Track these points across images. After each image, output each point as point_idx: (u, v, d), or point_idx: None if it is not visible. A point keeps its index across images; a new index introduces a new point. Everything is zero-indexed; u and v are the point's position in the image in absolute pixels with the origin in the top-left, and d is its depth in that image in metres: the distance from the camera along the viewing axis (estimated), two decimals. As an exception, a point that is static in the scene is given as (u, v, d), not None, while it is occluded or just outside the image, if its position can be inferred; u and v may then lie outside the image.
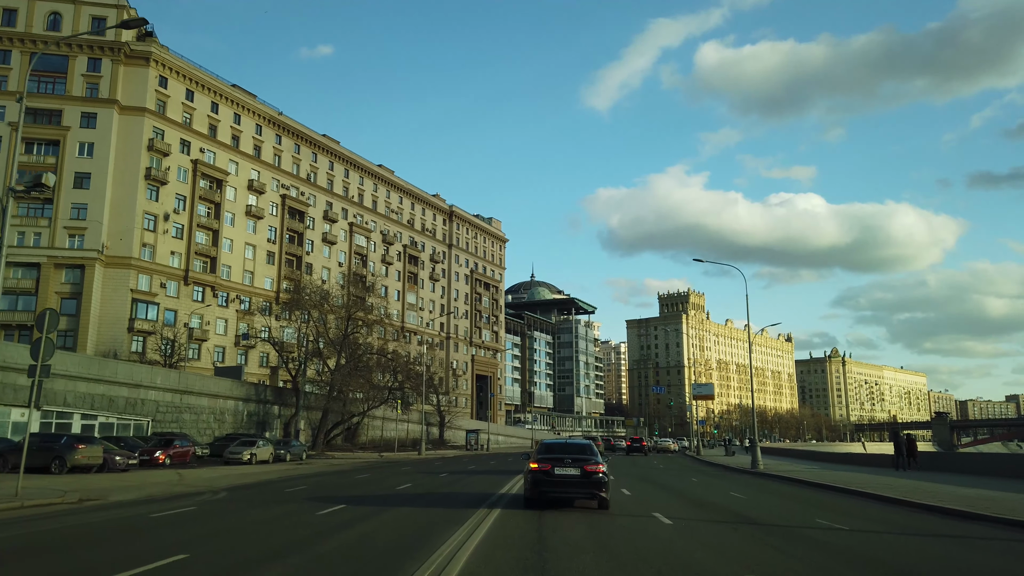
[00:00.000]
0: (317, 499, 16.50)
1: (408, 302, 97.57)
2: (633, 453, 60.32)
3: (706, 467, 36.22)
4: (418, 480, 22.71)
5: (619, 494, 17.96)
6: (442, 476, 25.01)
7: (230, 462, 31.35)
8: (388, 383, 52.57)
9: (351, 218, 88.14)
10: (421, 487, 20.41)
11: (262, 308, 57.64)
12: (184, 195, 66.11)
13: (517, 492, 17.63)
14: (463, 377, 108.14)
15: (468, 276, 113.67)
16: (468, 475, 25.96)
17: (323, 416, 44.57)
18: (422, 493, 18.44)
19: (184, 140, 66.59)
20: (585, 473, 14.25)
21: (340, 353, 45.43)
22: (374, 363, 48.86)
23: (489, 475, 25.43)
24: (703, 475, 28.56)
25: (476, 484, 21.24)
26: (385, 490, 19.47)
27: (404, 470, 29.07)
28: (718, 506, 16.24)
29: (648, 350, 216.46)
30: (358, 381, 45.72)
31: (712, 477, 27.13)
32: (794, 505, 17.04)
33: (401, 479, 23.33)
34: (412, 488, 20.05)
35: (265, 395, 46.58)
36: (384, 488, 20.16)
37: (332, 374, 44.30)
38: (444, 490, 19.48)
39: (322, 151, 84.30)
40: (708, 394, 58.64)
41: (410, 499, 16.95)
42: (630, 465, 36.17)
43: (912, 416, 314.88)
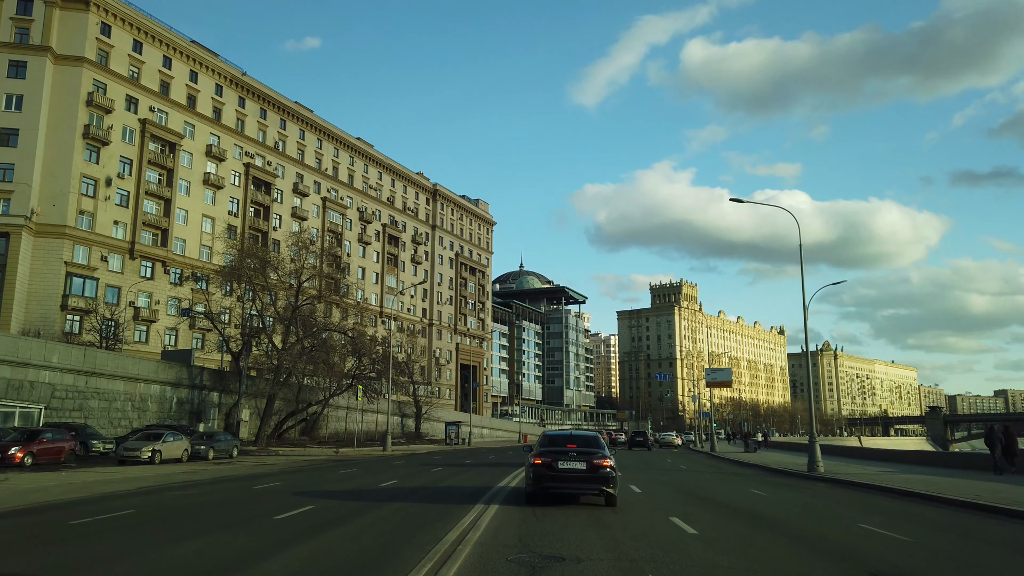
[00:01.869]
0: (158, 522, 10.07)
1: (387, 285, 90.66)
2: (635, 447, 57.14)
3: (740, 469, 28.57)
4: (321, 506, 13.06)
5: (667, 524, 11.26)
6: (383, 486, 17.60)
7: (125, 461, 24.52)
8: (354, 368, 45.63)
9: (324, 192, 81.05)
10: (321, 516, 11.84)
11: (196, 278, 50.23)
12: (130, 158, 58.82)
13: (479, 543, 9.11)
14: (447, 367, 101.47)
15: (453, 260, 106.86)
16: (413, 492, 16.41)
17: (268, 404, 37.50)
18: (313, 527, 10.63)
19: (131, 97, 59.26)
20: (592, 467, 13.13)
21: (289, 329, 38.56)
22: (332, 342, 41.48)
23: (443, 501, 14.50)
24: (750, 481, 21.37)
25: (411, 518, 11.70)
26: (268, 519, 11.47)
27: (342, 473, 22.05)
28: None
29: (639, 342, 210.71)
30: (313, 364, 39.02)
31: (776, 487, 19.38)
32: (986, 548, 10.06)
33: (297, 502, 13.58)
34: (309, 515, 11.91)
35: (202, 379, 39.37)
36: (270, 513, 12.19)
37: (279, 354, 37.27)
38: (346, 527, 10.82)
39: (292, 118, 77.08)
40: (725, 380, 51.24)
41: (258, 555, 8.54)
42: (642, 465, 29.57)
43: (903, 411, 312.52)
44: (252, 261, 40.12)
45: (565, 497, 13.72)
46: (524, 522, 10.97)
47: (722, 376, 50.85)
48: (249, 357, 39.38)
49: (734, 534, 10.55)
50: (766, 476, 24.47)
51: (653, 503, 14.62)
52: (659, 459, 36.87)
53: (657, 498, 15.58)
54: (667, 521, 11.56)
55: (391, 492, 16.27)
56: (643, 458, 38.83)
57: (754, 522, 12.11)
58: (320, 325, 40.63)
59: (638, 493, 16.27)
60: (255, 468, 24.33)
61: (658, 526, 10.99)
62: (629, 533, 10.06)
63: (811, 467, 22.76)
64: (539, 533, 9.81)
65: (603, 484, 13.16)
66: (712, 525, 11.31)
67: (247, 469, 23.87)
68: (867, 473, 23.12)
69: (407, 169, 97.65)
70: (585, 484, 13.28)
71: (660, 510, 13.36)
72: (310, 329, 39.76)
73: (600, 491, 13.31)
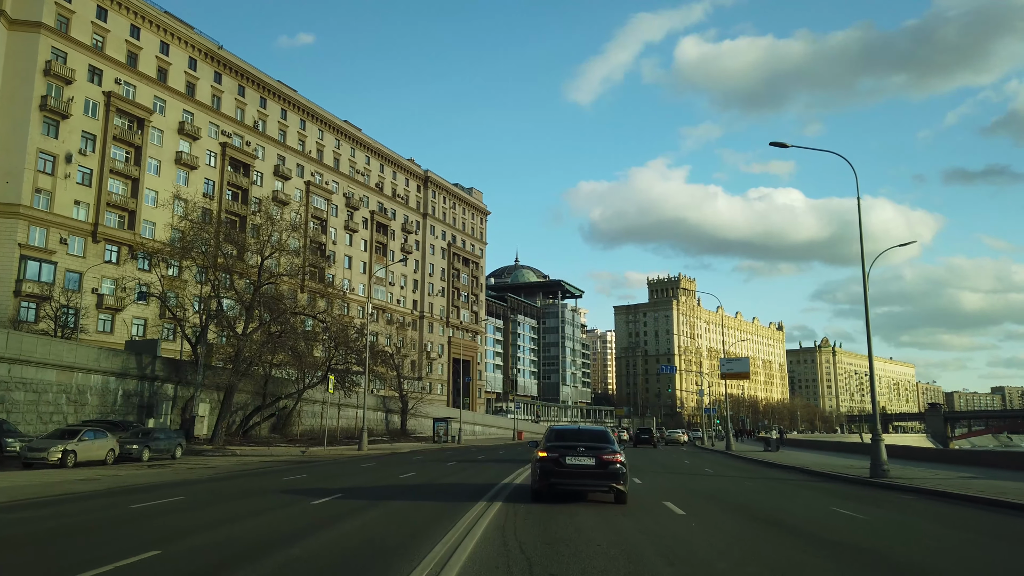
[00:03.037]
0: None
1: (376, 275, 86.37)
2: (641, 445, 54.17)
3: (781, 473, 23.71)
4: (181, 550, 8.38)
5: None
6: (315, 502, 12.97)
7: (31, 464, 20.24)
8: (329, 358, 41.18)
9: (308, 176, 76.71)
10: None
11: (146, 255, 45.74)
12: (93, 133, 54.43)
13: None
14: (438, 361, 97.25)
15: (445, 250, 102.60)
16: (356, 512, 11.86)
17: (226, 397, 33.06)
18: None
19: (94, 67, 54.86)
20: (601, 463, 12.72)
21: (250, 311, 34.28)
22: (302, 328, 36.79)
23: (405, 525, 10.67)
24: (815, 493, 16.67)
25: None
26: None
27: (286, 481, 17.48)
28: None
29: (636, 337, 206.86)
30: (281, 352, 34.78)
31: (859, 502, 14.70)
32: None
33: (160, 534, 9.60)
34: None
35: (153, 369, 34.94)
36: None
37: (238, 340, 32.89)
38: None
39: (273, 96, 72.69)
40: (741, 371, 46.04)
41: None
42: (660, 467, 25.34)
43: (901, 407, 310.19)
44: (207, 235, 35.84)
45: (573, 494, 13.36)
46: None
47: (738, 367, 46.01)
48: (207, 344, 34.99)
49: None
50: (821, 483, 19.89)
51: (719, 538, 9.87)
52: (674, 459, 32.77)
53: (715, 525, 11.00)
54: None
55: (314, 524, 10.55)
56: (654, 458, 34.74)
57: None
58: (288, 308, 36.07)
59: (681, 515, 11.77)
60: (187, 473, 19.93)
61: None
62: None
63: (876, 471, 18.30)
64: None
65: (613, 480, 12.79)
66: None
67: (172, 475, 19.50)
68: (951, 480, 18.58)
69: (397, 154, 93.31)
70: (594, 480, 12.93)
71: (743, 558, 8.41)
72: (277, 313, 35.40)
73: (610, 488, 12.97)
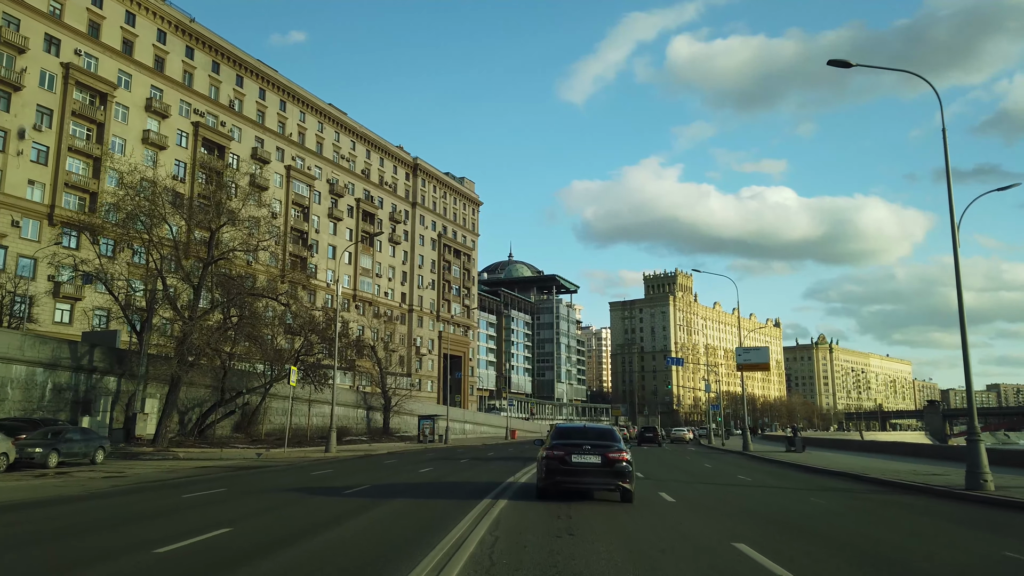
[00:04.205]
0: None
1: (362, 266, 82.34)
2: (646, 444, 52.17)
3: (843, 483, 19.76)
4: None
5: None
6: (159, 551, 8.04)
7: None
8: (304, 349, 36.89)
9: (288, 160, 72.55)
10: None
11: (78, 227, 41.46)
12: (50, 108, 50.23)
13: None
14: (428, 356, 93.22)
15: (435, 241, 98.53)
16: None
17: (170, 392, 28.69)
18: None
19: (51, 37, 50.63)
20: (607, 461, 12.67)
21: (198, 292, 30.09)
22: (263, 312, 32.34)
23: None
24: (933, 518, 12.39)
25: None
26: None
27: (185, 499, 13.56)
28: None
29: (633, 334, 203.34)
30: (241, 340, 30.65)
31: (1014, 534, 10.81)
32: None
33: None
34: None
35: (91, 360, 30.71)
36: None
37: (184, 325, 28.61)
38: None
39: (250, 74, 68.47)
40: (760, 362, 40.82)
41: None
42: (682, 473, 20.99)
43: (898, 405, 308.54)
44: (148, 203, 31.75)
45: (578, 492, 13.42)
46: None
47: (757, 357, 40.93)
48: (150, 330, 30.71)
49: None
50: (909, 499, 15.28)
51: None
52: (690, 462, 28.67)
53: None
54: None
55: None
56: (666, 459, 30.80)
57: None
58: (243, 289, 31.64)
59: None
60: (77, 487, 15.48)
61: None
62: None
63: (974, 481, 13.50)
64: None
65: (619, 479, 12.77)
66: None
67: (57, 488, 15.33)
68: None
69: (384, 140, 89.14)
70: (600, 479, 12.93)
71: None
72: (231, 294, 31.13)
73: (616, 486, 12.94)
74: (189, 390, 33.42)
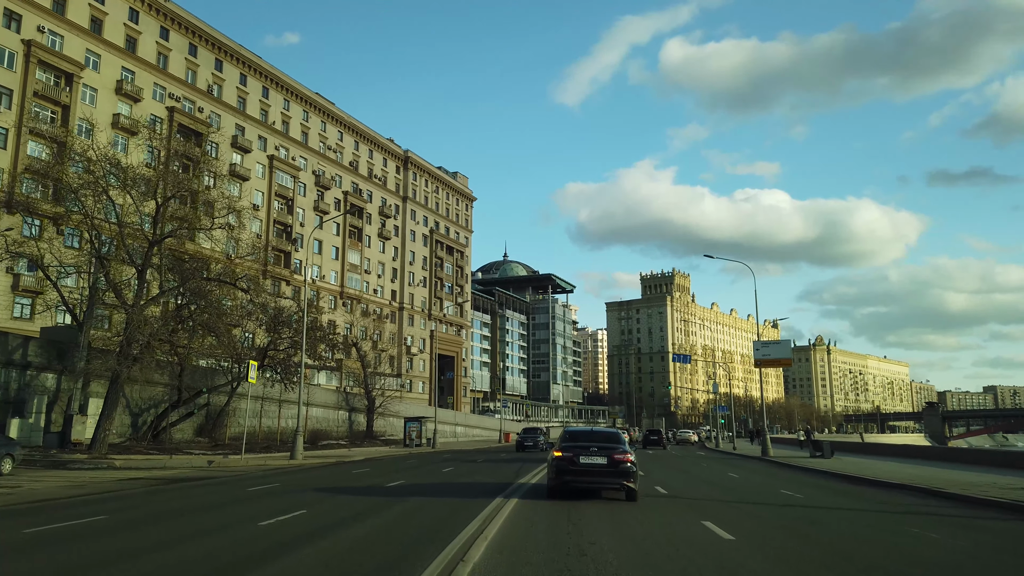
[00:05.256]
0: None
1: (350, 262, 78.95)
2: (651, 447, 52.01)
3: (902, 496, 16.20)
4: None
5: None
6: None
7: None
8: (274, 343, 33.30)
9: (271, 150, 69.15)
10: None
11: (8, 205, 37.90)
12: (9, 88, 46.85)
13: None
14: (420, 356, 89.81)
15: (427, 237, 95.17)
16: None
17: (110, 390, 24.93)
18: None
19: (11, 12, 47.26)
20: (612, 462, 13.45)
21: (142, 275, 26.60)
22: (220, 299, 28.65)
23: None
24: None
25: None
26: None
27: (26, 535, 9.36)
28: None
29: (629, 335, 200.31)
30: (195, 333, 27.21)
31: None
32: None
33: None
34: None
35: (24, 354, 27.04)
36: None
37: (127, 313, 25.06)
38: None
39: (230, 58, 65.09)
40: (781, 357, 36.18)
41: None
42: (713, 490, 16.49)
43: (896, 407, 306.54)
44: (77, 170, 28.35)
45: (586, 492, 13.86)
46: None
47: (777, 351, 36.16)
48: (91, 320, 27.19)
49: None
50: (1014, 523, 11.77)
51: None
52: (707, 469, 25.21)
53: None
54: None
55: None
56: (677, 464, 27.54)
57: None
58: (195, 271, 27.96)
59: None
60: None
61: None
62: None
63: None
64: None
65: (624, 478, 13.40)
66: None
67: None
68: None
69: (374, 131, 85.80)
70: (606, 478, 13.53)
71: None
72: (183, 278, 27.54)
73: (621, 485, 13.53)
74: (145, 389, 30.06)
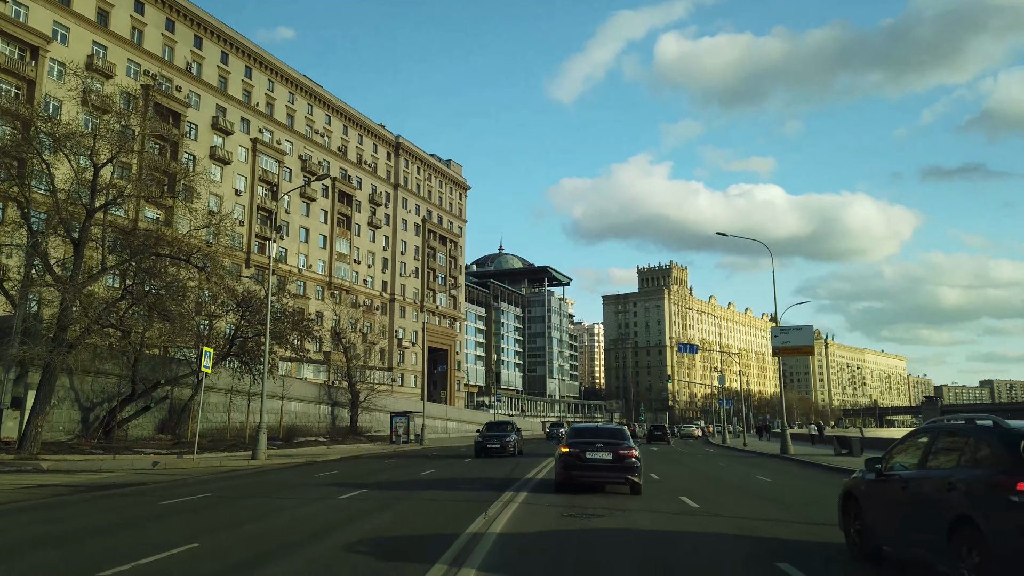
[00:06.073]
0: None
1: (338, 251, 75.99)
2: (655, 442, 52.06)
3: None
4: None
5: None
6: None
7: None
8: (241, 330, 30.26)
9: (254, 133, 66.05)
10: None
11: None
12: (-33, 59, 43.75)
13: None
14: (411, 350, 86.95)
15: (419, 226, 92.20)
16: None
17: (43, 380, 21.67)
18: None
19: (-31, -22, 44.14)
20: (618, 457, 13.84)
21: (79, 250, 23.59)
22: (171, 277, 25.29)
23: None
24: None
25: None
26: None
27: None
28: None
29: (626, 328, 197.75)
30: (151, 317, 24.29)
31: None
32: None
33: None
34: None
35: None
36: None
37: (63, 292, 22.00)
38: None
39: (210, 35, 61.94)
40: (803, 344, 32.11)
41: None
42: (753, 502, 13.52)
43: (893, 401, 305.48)
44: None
45: (592, 486, 13.91)
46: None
47: (798, 339, 31.90)
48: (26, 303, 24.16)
49: None
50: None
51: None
52: (729, 470, 21.97)
53: None
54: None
55: None
56: (696, 466, 24.52)
57: None
58: (146, 247, 24.83)
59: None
60: None
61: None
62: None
63: None
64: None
65: (629, 473, 13.70)
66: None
67: None
68: None
69: (364, 116, 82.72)
70: (612, 473, 13.81)
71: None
72: (134, 254, 24.46)
73: (626, 480, 13.76)
74: (97, 380, 27.17)
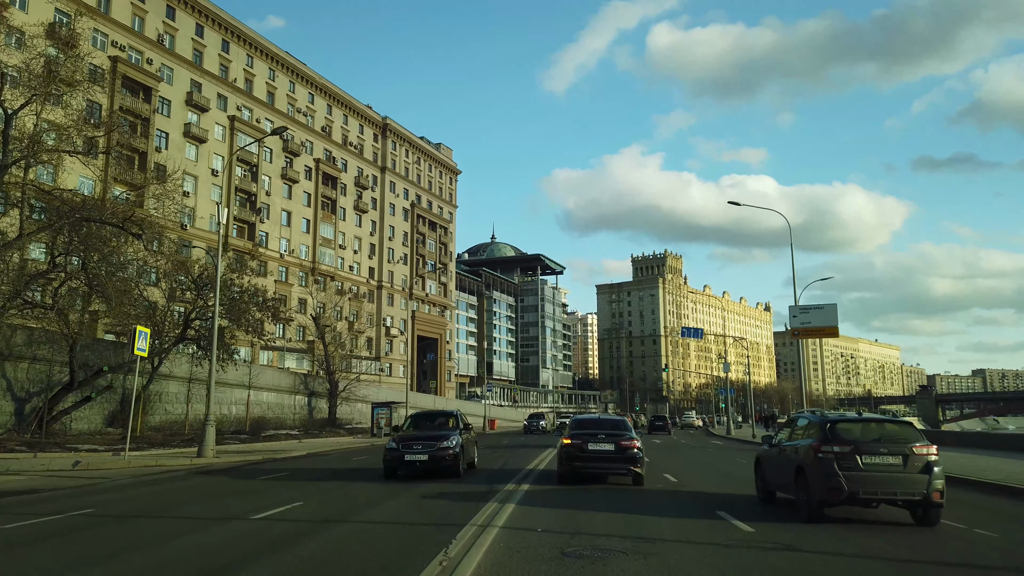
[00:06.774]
0: None
1: (322, 236, 73.04)
2: (656, 432, 53.03)
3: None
4: None
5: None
6: None
7: None
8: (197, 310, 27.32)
9: (232, 110, 62.92)
10: None
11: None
12: (-87, 24, 40.41)
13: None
14: (400, 338, 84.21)
15: (408, 211, 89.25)
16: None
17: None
18: None
19: (-85, -65, 40.83)
20: (620, 448, 13.96)
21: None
22: (110, 249, 22.48)
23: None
24: None
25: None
26: None
27: None
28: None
29: (620, 318, 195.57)
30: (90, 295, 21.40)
31: None
32: None
33: None
34: None
35: None
36: None
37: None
38: None
39: (183, 4, 58.64)
40: (827, 325, 28.69)
41: None
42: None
43: (887, 390, 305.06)
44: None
45: (594, 477, 14.14)
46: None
47: (820, 318, 27.88)
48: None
49: None
50: None
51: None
52: (751, 470, 19.66)
53: None
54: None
55: None
56: (708, 462, 22.12)
57: None
58: (74, 212, 21.96)
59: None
60: None
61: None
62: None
63: None
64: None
65: (631, 464, 13.87)
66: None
67: None
68: None
69: (349, 95, 79.55)
70: (614, 464, 14.01)
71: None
72: (60, 218, 21.60)
73: (628, 470, 13.96)
74: (33, 367, 24.40)
